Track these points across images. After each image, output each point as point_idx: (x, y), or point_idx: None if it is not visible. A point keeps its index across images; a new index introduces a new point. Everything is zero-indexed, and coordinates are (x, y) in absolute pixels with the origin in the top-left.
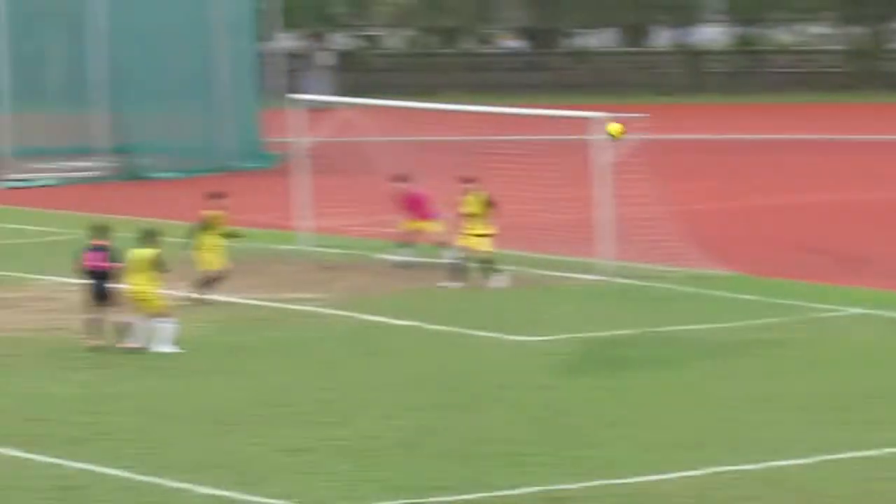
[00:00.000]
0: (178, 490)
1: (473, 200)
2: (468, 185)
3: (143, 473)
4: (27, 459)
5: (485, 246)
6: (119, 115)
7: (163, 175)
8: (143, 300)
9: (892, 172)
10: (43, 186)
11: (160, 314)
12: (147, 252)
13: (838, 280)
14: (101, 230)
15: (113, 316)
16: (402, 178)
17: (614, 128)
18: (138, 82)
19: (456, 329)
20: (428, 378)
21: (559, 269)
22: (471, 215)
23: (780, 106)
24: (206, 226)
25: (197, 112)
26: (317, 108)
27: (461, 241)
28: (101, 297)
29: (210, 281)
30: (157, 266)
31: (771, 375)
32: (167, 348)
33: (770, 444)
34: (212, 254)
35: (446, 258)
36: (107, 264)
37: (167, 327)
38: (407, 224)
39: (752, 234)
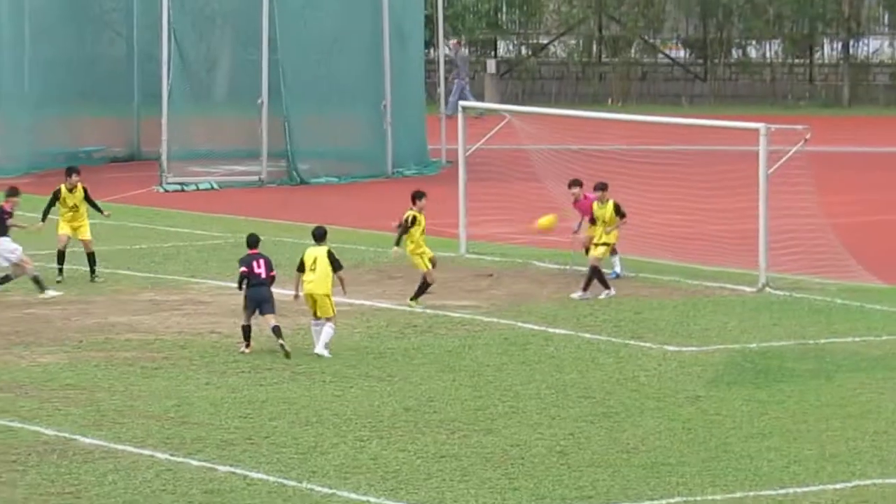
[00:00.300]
0: (326, 495)
1: (598, 208)
2: (599, 193)
3: (293, 478)
4: (179, 463)
5: (597, 253)
6: (284, 119)
7: (325, 180)
8: (318, 300)
9: None
10: (204, 190)
11: (329, 317)
12: (320, 250)
13: None
14: (254, 240)
15: (271, 321)
16: (579, 184)
17: (544, 221)
18: (304, 87)
19: (611, 338)
20: (579, 387)
21: (717, 279)
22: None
23: None
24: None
25: (363, 118)
26: (482, 116)
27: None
28: (260, 304)
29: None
30: (332, 265)
31: None
32: (325, 352)
33: None
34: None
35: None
36: (266, 273)
37: (330, 332)
38: (589, 230)
39: None
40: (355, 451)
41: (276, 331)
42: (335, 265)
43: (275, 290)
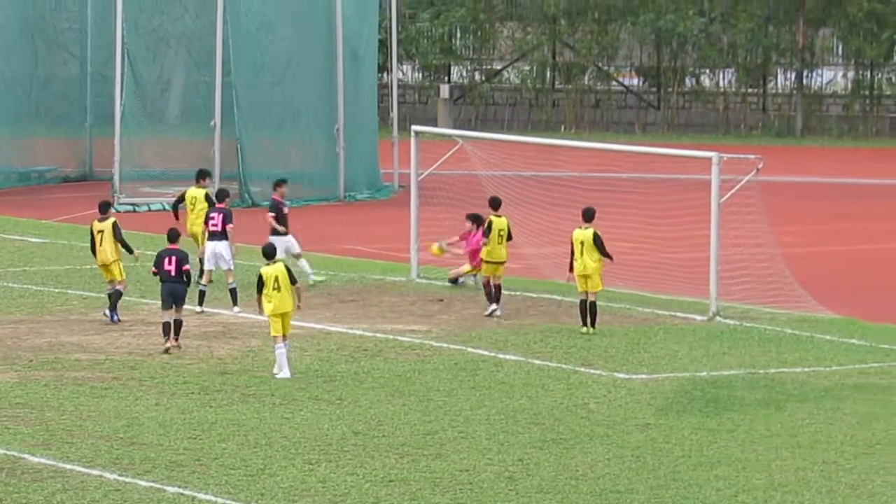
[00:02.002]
0: None
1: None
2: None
3: (241, 500)
4: (127, 483)
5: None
6: (236, 142)
7: None
8: (285, 317)
9: None
10: (156, 211)
11: (286, 337)
12: (278, 268)
13: None
14: (174, 235)
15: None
16: (475, 220)
17: (434, 248)
18: (258, 110)
19: (561, 365)
20: (529, 413)
21: (667, 307)
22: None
23: None
24: None
25: (316, 141)
26: (435, 140)
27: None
28: (175, 300)
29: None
30: (290, 279)
31: (873, 420)
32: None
33: (868, 489)
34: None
35: None
36: (175, 270)
37: (284, 351)
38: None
39: (862, 278)
40: (304, 474)
41: (177, 325)
42: (292, 279)
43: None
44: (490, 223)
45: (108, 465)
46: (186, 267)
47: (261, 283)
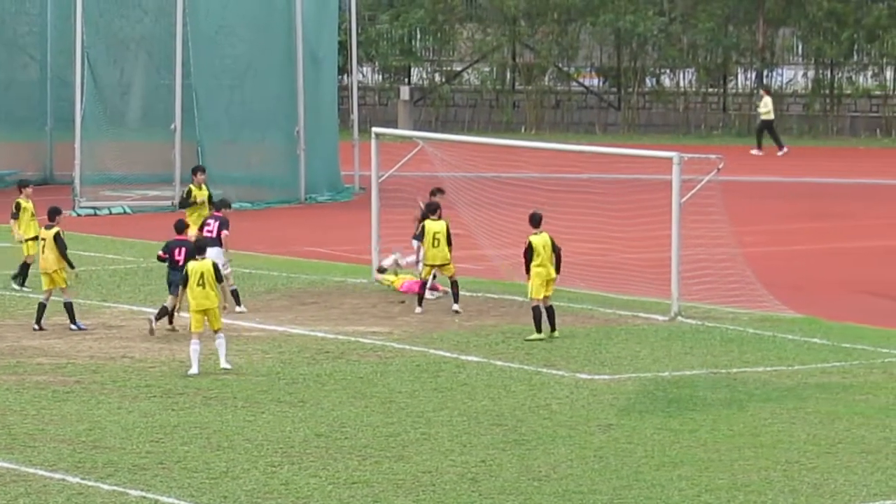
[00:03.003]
0: None
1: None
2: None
3: (204, 503)
4: (90, 487)
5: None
6: (196, 144)
7: (239, 205)
8: (211, 313)
9: None
10: (117, 214)
11: (219, 329)
12: (205, 264)
13: None
14: (182, 226)
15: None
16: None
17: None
18: (218, 113)
19: (523, 366)
20: (491, 414)
21: (629, 308)
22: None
23: (857, 150)
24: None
25: (276, 143)
26: (396, 142)
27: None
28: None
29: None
30: (217, 276)
31: (836, 419)
32: (229, 364)
33: (831, 488)
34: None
35: None
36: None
37: (224, 342)
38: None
39: (824, 277)
40: (266, 477)
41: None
42: (218, 276)
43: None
44: (423, 228)
45: (71, 468)
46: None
47: (186, 279)
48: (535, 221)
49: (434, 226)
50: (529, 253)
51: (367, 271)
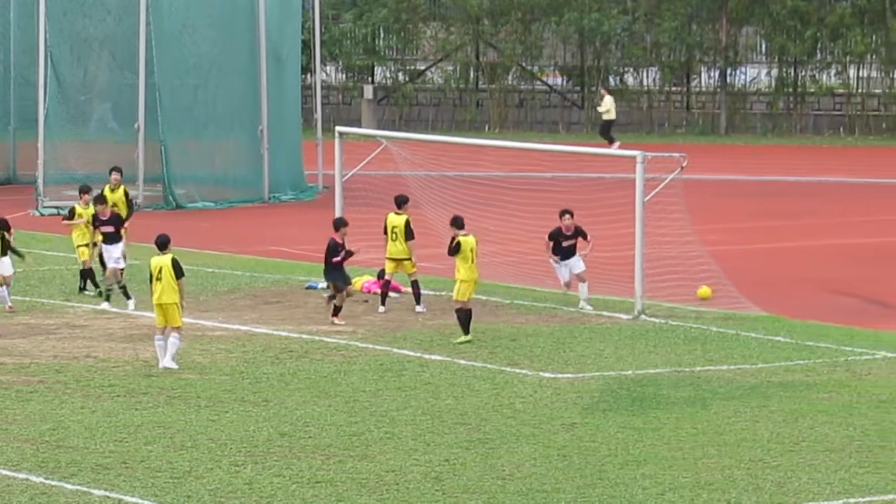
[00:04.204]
0: None
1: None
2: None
3: (167, 503)
4: (53, 487)
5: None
6: (161, 143)
7: (202, 205)
8: (167, 309)
9: None
10: None
11: (176, 327)
12: (164, 259)
13: (869, 323)
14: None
15: None
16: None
17: (703, 291)
18: (182, 112)
19: (487, 365)
20: (455, 413)
21: (593, 306)
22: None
23: (820, 148)
24: None
25: (240, 142)
26: (359, 141)
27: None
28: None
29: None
30: (176, 273)
31: (799, 418)
32: (173, 364)
33: (794, 486)
34: None
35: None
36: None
37: (177, 342)
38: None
39: (787, 275)
40: (230, 476)
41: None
42: (178, 273)
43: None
44: (386, 222)
45: (34, 468)
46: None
47: (151, 274)
48: (458, 224)
49: (394, 220)
50: (456, 251)
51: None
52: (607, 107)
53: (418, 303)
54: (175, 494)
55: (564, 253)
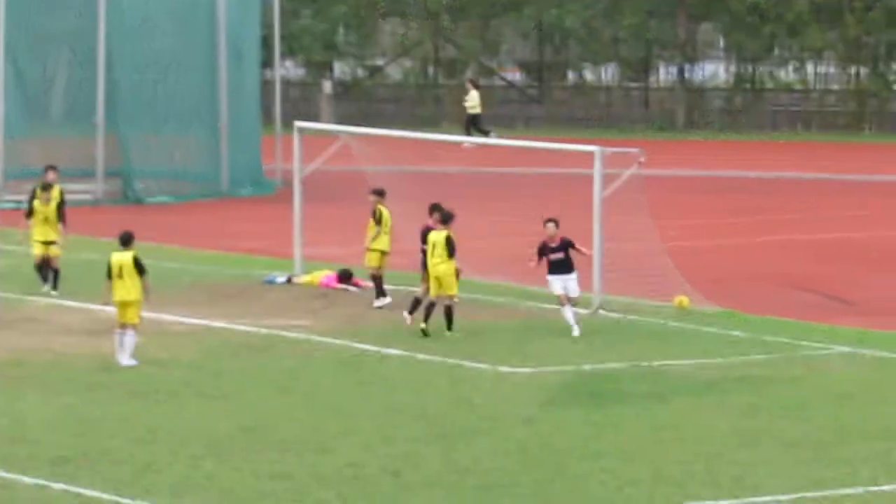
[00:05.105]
0: None
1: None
2: (373, 198)
3: (127, 496)
4: (12, 480)
5: (373, 262)
6: (119, 138)
7: (161, 199)
8: (127, 307)
9: (884, 212)
10: None
11: (134, 324)
12: (126, 256)
13: (825, 317)
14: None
15: None
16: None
17: (681, 301)
18: (141, 106)
19: (445, 359)
20: (414, 407)
21: (552, 301)
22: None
23: (778, 144)
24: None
25: (199, 137)
26: (318, 136)
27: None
28: None
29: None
30: (138, 270)
31: (757, 412)
32: (132, 361)
33: (752, 481)
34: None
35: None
36: None
37: (133, 340)
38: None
39: (745, 270)
40: (190, 470)
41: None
42: (140, 270)
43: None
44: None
45: None
46: None
47: (109, 270)
48: (445, 219)
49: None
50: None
51: (290, 266)
52: (473, 101)
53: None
54: (135, 488)
55: (555, 267)
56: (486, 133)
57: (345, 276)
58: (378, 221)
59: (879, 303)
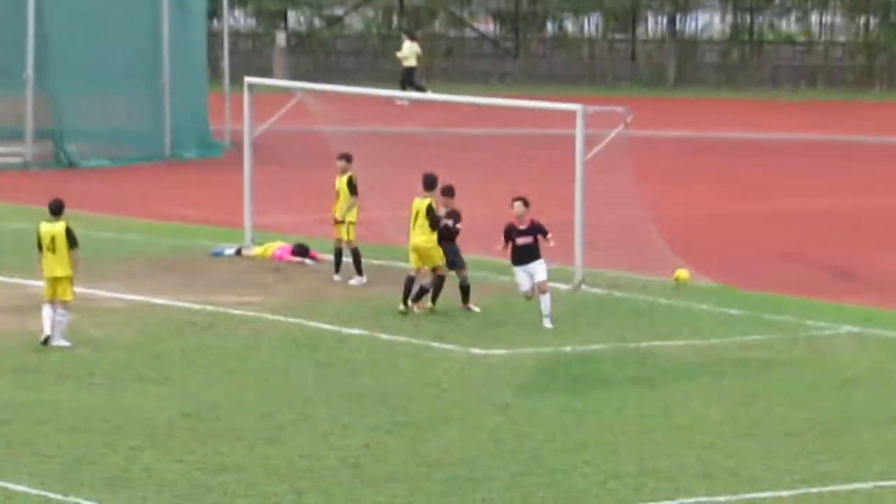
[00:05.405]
0: None
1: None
2: (343, 164)
3: (57, 491)
4: None
5: (346, 234)
6: (50, 96)
7: (97, 163)
8: (59, 282)
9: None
10: None
11: (66, 301)
12: (57, 227)
13: (831, 294)
14: None
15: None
16: None
17: (681, 275)
18: (75, 62)
19: (411, 339)
20: (376, 393)
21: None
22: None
23: (778, 102)
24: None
25: (139, 95)
26: (271, 93)
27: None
28: None
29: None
30: (69, 242)
31: (755, 398)
32: (64, 342)
33: (750, 475)
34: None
35: None
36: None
37: (65, 318)
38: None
39: (742, 242)
40: (127, 462)
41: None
42: (72, 242)
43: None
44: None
45: None
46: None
47: (40, 242)
48: (428, 184)
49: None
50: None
51: (239, 236)
52: (405, 53)
53: (337, 271)
54: (65, 483)
55: (521, 254)
56: (421, 89)
57: (300, 251)
58: (354, 191)
59: (891, 278)
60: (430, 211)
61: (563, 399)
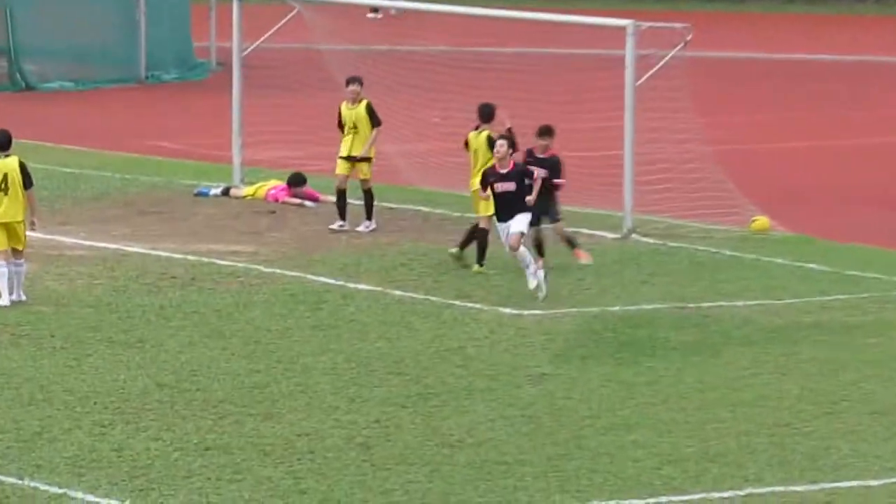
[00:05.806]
0: (55, 496)
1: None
2: (355, 87)
3: (12, 474)
4: None
5: (362, 173)
6: (5, 9)
7: (59, 85)
8: (13, 229)
9: None
10: None
11: (21, 250)
12: (10, 163)
13: None
14: None
15: None
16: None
17: (760, 223)
18: None
19: (430, 297)
20: (388, 360)
21: (569, 222)
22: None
23: (865, 18)
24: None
25: (109, 7)
26: (264, 4)
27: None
28: None
29: None
30: (25, 181)
31: (837, 370)
32: (24, 297)
33: (832, 460)
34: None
35: None
36: None
37: (24, 269)
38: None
39: (822, 183)
40: (94, 440)
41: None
42: (27, 181)
43: None
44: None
45: None
46: None
47: None
48: (485, 115)
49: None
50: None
51: (227, 172)
52: None
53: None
54: (22, 462)
55: (504, 206)
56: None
57: (296, 181)
58: (377, 121)
59: None
60: (491, 144)
61: (609, 368)
